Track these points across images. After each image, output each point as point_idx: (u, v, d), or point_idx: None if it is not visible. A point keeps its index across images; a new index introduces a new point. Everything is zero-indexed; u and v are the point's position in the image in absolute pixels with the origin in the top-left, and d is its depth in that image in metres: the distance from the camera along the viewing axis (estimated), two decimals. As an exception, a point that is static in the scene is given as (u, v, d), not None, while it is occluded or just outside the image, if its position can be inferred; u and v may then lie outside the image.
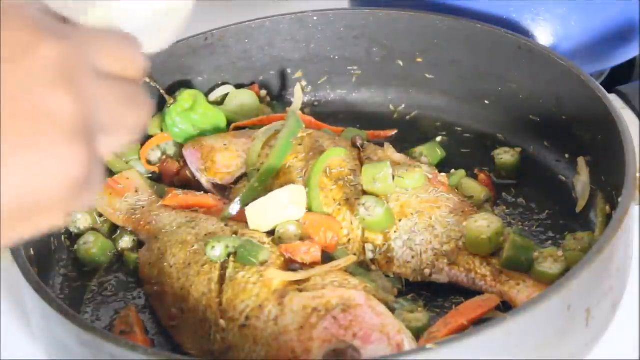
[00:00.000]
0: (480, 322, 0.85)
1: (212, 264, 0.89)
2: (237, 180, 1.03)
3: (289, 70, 1.18)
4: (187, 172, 1.07)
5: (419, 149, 1.08)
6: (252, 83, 1.17)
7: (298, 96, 1.13)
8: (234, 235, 0.91)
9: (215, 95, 1.13)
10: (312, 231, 0.93)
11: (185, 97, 1.07)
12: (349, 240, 0.95)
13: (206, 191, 1.03)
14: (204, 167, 1.04)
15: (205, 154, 1.04)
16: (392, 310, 0.87)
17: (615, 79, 1.21)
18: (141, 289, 0.96)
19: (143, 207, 1.01)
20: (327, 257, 0.92)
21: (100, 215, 1.03)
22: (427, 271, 0.94)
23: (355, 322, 0.80)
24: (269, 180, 0.99)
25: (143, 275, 0.95)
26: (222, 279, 0.88)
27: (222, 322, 0.85)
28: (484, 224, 0.92)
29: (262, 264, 0.88)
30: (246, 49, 1.16)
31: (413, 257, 0.94)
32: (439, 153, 1.08)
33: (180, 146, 1.08)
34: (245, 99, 1.13)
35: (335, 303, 0.81)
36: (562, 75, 1.03)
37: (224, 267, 0.89)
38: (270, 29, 1.16)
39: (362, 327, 0.79)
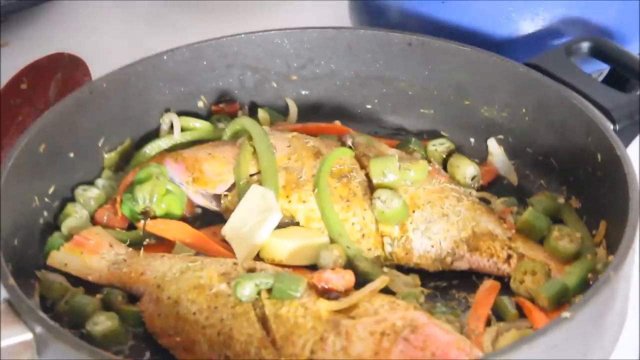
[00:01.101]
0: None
1: (243, 303, 0.86)
2: (231, 188, 1.00)
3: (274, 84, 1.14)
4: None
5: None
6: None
7: (293, 111, 1.13)
8: (262, 272, 0.88)
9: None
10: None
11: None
12: (363, 235, 0.95)
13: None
14: (192, 178, 1.01)
15: (189, 165, 1.01)
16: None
17: (615, 79, 1.19)
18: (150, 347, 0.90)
19: (125, 261, 0.95)
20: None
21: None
22: (448, 259, 0.95)
23: (429, 342, 0.79)
24: (276, 179, 0.98)
25: (154, 329, 0.90)
26: (261, 318, 0.85)
27: None
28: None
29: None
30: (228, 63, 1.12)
31: (432, 246, 0.95)
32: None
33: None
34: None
35: (401, 325, 0.80)
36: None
37: (256, 306, 0.86)
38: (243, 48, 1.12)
39: (437, 345, 0.79)
